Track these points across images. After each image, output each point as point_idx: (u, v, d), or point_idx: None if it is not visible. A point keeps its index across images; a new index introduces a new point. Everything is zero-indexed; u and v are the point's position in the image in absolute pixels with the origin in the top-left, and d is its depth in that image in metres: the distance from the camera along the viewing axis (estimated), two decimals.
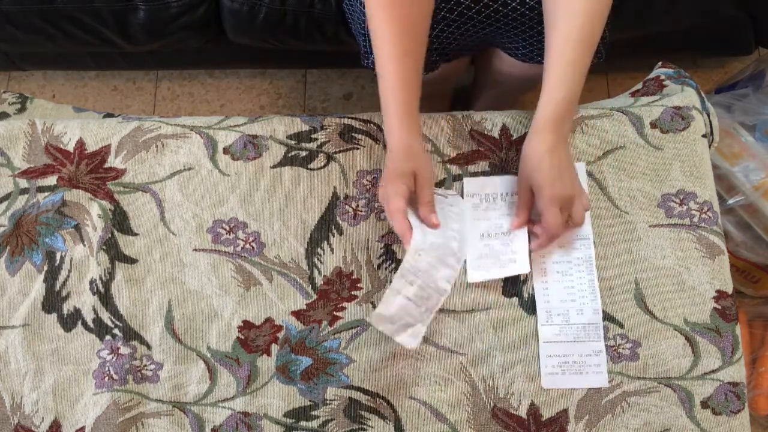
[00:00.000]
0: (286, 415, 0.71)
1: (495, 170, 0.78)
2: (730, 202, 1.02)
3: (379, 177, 0.77)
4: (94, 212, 0.76)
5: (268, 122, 0.80)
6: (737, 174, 1.00)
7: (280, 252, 0.75)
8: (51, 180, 0.78)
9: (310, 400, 0.71)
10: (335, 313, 0.73)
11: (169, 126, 0.79)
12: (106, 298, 0.74)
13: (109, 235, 0.75)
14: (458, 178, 0.77)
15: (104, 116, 0.85)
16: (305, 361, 0.72)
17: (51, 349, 0.73)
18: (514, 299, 0.73)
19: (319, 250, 0.75)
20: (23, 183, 0.78)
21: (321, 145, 0.79)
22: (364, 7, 0.78)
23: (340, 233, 0.76)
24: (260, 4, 1.00)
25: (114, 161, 0.78)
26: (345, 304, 0.74)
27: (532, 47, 0.81)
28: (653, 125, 0.78)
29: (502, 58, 0.92)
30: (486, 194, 0.76)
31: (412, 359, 0.72)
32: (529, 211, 0.73)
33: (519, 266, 0.73)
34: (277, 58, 1.27)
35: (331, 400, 0.71)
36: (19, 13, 1.02)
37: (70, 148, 0.79)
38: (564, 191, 0.68)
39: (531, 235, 0.74)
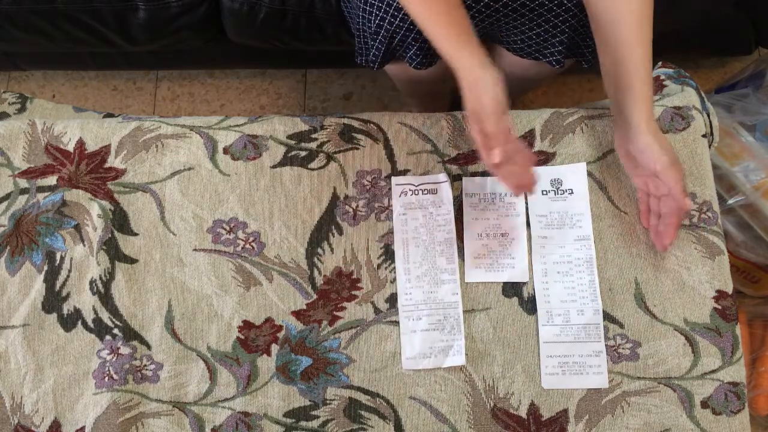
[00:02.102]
0: (286, 415, 0.71)
1: None
2: (730, 202, 1.02)
3: (379, 177, 0.77)
4: (94, 212, 0.76)
5: (268, 122, 0.80)
6: (737, 174, 1.00)
7: (280, 252, 0.75)
8: (51, 180, 0.78)
9: (310, 400, 0.71)
10: (335, 313, 0.73)
11: (169, 126, 0.79)
12: (106, 298, 0.74)
13: (109, 235, 0.75)
14: (458, 178, 0.77)
15: (104, 116, 0.85)
16: (305, 361, 0.72)
17: (51, 349, 0.73)
18: (514, 299, 0.73)
19: (319, 250, 0.75)
20: (23, 183, 0.78)
21: (321, 145, 0.79)
22: (360, 2, 0.78)
23: (340, 233, 0.76)
24: (260, 4, 1.00)
25: (114, 161, 0.78)
26: (345, 304, 0.74)
27: (530, 41, 0.81)
28: None
29: (503, 56, 0.92)
30: (485, 194, 0.76)
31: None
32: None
33: (517, 273, 0.74)
34: (277, 58, 1.27)
35: (331, 400, 0.71)
36: (19, 13, 1.02)
37: (70, 148, 0.79)
38: (682, 170, 0.70)
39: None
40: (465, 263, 0.74)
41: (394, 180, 0.77)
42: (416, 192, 0.77)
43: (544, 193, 0.76)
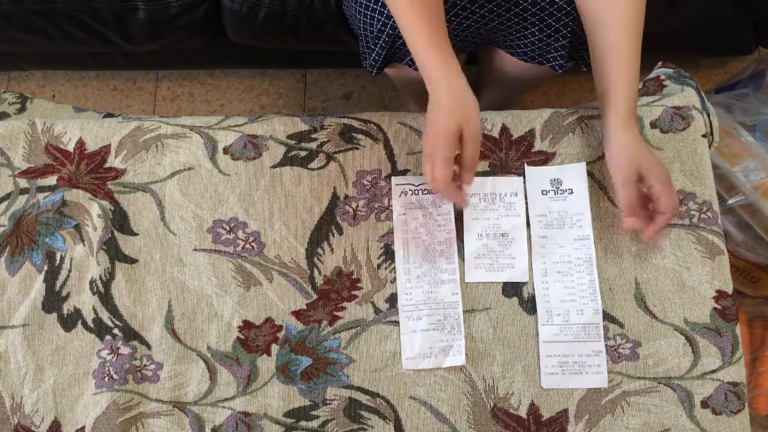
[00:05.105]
0: (286, 414, 0.71)
1: (495, 170, 0.78)
2: (730, 202, 1.02)
3: (379, 177, 0.77)
4: (94, 212, 0.76)
5: (268, 122, 0.80)
6: (737, 174, 1.00)
7: (280, 252, 0.75)
8: (51, 180, 0.78)
9: (310, 400, 0.71)
10: (335, 313, 0.73)
11: (169, 126, 0.79)
12: (106, 298, 0.74)
13: (109, 235, 0.75)
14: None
15: (104, 116, 0.85)
16: (305, 361, 0.72)
17: (51, 349, 0.73)
18: (514, 299, 0.73)
19: (319, 250, 0.75)
20: (23, 183, 0.78)
21: (321, 145, 0.79)
22: (360, 6, 0.78)
23: (340, 233, 0.76)
24: (260, 4, 1.00)
25: (114, 161, 0.78)
26: (345, 304, 0.74)
27: (533, 45, 0.81)
28: (653, 125, 0.78)
29: (504, 57, 0.92)
30: (485, 194, 0.76)
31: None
32: (636, 209, 0.71)
33: (517, 273, 0.74)
34: (277, 58, 1.27)
35: (331, 400, 0.71)
36: (19, 13, 1.02)
37: (70, 148, 0.79)
38: (666, 170, 0.71)
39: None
40: (465, 263, 0.74)
41: (394, 180, 0.77)
42: (416, 192, 0.77)
43: (544, 192, 0.76)
